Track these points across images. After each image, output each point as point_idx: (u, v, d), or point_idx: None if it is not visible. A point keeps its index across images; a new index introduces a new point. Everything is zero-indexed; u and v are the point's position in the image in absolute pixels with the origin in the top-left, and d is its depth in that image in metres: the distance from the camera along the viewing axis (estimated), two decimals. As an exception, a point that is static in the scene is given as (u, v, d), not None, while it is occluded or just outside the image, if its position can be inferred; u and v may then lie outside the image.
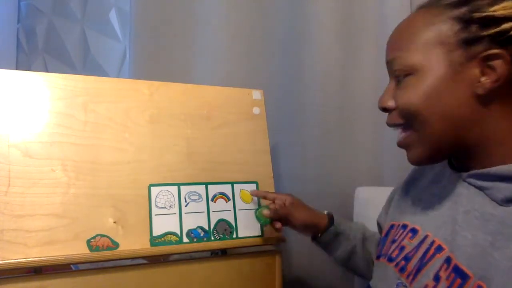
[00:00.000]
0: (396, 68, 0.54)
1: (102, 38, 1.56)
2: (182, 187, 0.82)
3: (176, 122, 0.86)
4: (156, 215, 0.78)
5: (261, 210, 0.83)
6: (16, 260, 0.66)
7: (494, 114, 0.50)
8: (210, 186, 0.85)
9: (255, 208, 0.87)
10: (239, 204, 0.87)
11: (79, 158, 0.75)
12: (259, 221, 0.84)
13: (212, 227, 0.82)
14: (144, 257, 0.78)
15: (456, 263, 0.48)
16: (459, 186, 0.54)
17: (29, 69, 1.66)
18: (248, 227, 0.85)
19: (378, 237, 0.76)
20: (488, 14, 0.48)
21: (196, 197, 0.83)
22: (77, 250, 0.70)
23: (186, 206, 0.82)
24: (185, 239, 0.79)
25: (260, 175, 0.91)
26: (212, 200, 0.85)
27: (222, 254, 0.87)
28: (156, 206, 0.79)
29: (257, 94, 0.96)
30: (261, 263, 0.86)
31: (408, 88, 0.52)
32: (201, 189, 0.84)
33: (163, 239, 0.77)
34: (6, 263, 0.65)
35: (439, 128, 0.51)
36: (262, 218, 0.83)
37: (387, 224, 0.66)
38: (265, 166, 0.92)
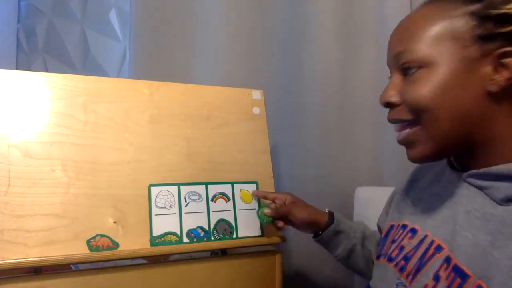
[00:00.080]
0: (405, 61, 0.51)
1: (102, 38, 1.56)
2: (182, 187, 0.82)
3: (176, 122, 0.86)
4: (156, 215, 0.78)
5: (262, 210, 0.84)
6: (16, 260, 0.66)
7: (504, 112, 0.49)
8: (210, 186, 0.85)
9: (255, 208, 0.87)
10: (239, 204, 0.87)
11: (79, 158, 0.75)
12: (261, 220, 0.84)
13: (212, 227, 0.82)
14: (144, 257, 0.78)
15: (456, 262, 0.48)
16: (459, 186, 0.54)
17: (29, 69, 1.66)
18: (248, 227, 0.85)
19: (378, 236, 0.76)
20: (505, 11, 0.47)
21: (196, 197, 0.83)
22: (77, 250, 0.70)
23: (186, 206, 0.82)
24: (185, 239, 0.79)
25: (260, 175, 0.91)
26: (212, 200, 0.85)
27: (222, 254, 0.87)
28: (156, 206, 0.79)
29: (257, 94, 0.96)
30: (261, 263, 0.86)
31: (419, 82, 0.50)
32: (201, 189, 0.84)
33: (163, 239, 0.77)
34: (6, 263, 0.65)
35: (449, 124, 0.49)
36: (264, 218, 0.83)
37: (387, 224, 0.66)
38: (265, 166, 0.92)
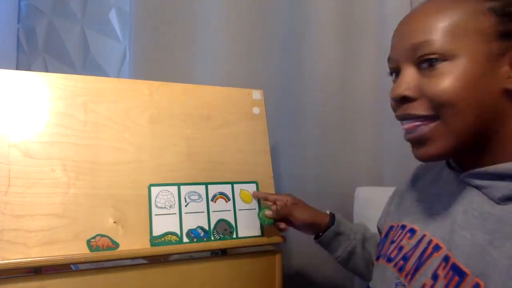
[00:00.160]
0: (427, 52, 0.48)
1: (102, 38, 1.56)
2: (182, 187, 0.82)
3: (176, 122, 0.86)
4: (156, 215, 0.78)
5: (263, 212, 0.84)
6: (16, 260, 0.66)
7: None
8: (210, 186, 0.85)
9: (255, 208, 0.87)
10: (239, 204, 0.87)
11: (79, 158, 0.75)
12: (262, 222, 0.84)
13: (212, 227, 0.82)
14: (144, 257, 0.78)
15: (454, 261, 0.48)
16: (457, 186, 0.54)
17: (29, 69, 1.66)
18: (248, 227, 0.85)
19: (379, 238, 0.76)
20: None
21: (196, 197, 0.83)
22: (77, 250, 0.70)
23: (186, 206, 0.82)
24: (185, 239, 0.79)
25: (260, 175, 0.91)
26: (212, 200, 0.85)
27: (222, 254, 0.87)
28: (156, 206, 0.79)
29: (257, 94, 0.96)
30: (261, 263, 0.86)
31: (443, 75, 0.47)
32: (201, 189, 0.84)
33: (163, 239, 0.77)
34: (6, 263, 0.65)
35: (471, 120, 0.48)
36: (265, 219, 0.83)
37: (386, 225, 0.66)
38: (265, 166, 0.92)
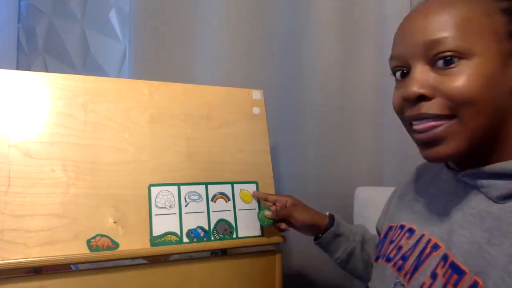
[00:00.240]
0: (444, 49, 0.47)
1: (102, 38, 1.56)
2: (182, 187, 0.82)
3: (176, 122, 0.86)
4: (156, 215, 0.78)
5: (263, 212, 0.84)
6: (16, 260, 0.66)
7: None
8: (210, 186, 0.85)
9: (255, 208, 0.87)
10: (239, 204, 0.87)
11: (79, 158, 0.75)
12: (262, 223, 0.84)
13: (212, 227, 0.82)
14: (144, 257, 0.78)
15: (453, 260, 0.48)
16: (455, 185, 0.54)
17: (29, 69, 1.66)
18: (248, 227, 0.85)
19: (378, 239, 0.76)
20: None
21: (196, 197, 0.83)
22: (77, 250, 0.70)
23: (186, 206, 0.82)
24: (185, 239, 0.79)
25: (260, 175, 0.91)
26: (212, 200, 0.85)
27: (222, 254, 0.87)
28: (156, 206, 0.79)
29: (257, 94, 0.96)
30: (261, 263, 0.86)
31: (462, 73, 0.46)
32: (201, 189, 0.84)
33: (163, 239, 0.77)
34: (6, 263, 0.65)
35: (486, 119, 0.47)
36: (265, 220, 0.83)
37: (385, 226, 0.66)
38: (265, 166, 0.92)
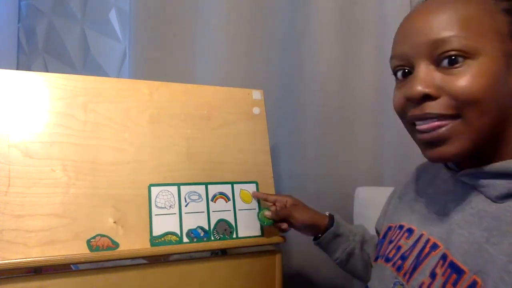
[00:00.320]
0: (449, 49, 0.47)
1: (102, 38, 1.56)
2: (182, 187, 0.82)
3: (176, 122, 0.86)
4: (156, 215, 0.78)
5: (263, 212, 0.84)
6: (16, 260, 0.66)
7: None
8: (210, 186, 0.85)
9: (255, 208, 0.87)
10: (239, 204, 0.87)
11: (79, 158, 0.75)
12: (262, 223, 0.84)
13: (212, 227, 0.82)
14: (144, 257, 0.78)
15: (452, 259, 0.48)
16: (454, 185, 0.54)
17: (29, 69, 1.66)
18: (248, 227, 0.85)
19: (377, 240, 0.76)
20: None
21: (196, 197, 0.83)
22: (77, 250, 0.70)
23: (186, 206, 0.82)
24: (185, 239, 0.79)
25: (260, 175, 0.91)
26: (212, 200, 0.85)
27: (222, 254, 0.87)
28: (156, 206, 0.79)
29: (257, 94, 0.96)
30: (261, 263, 0.86)
31: (467, 73, 0.46)
32: (201, 189, 0.84)
33: (163, 239, 0.77)
34: (6, 263, 0.65)
35: (491, 119, 0.47)
36: (265, 220, 0.83)
37: (384, 226, 0.66)
38: (265, 166, 0.92)
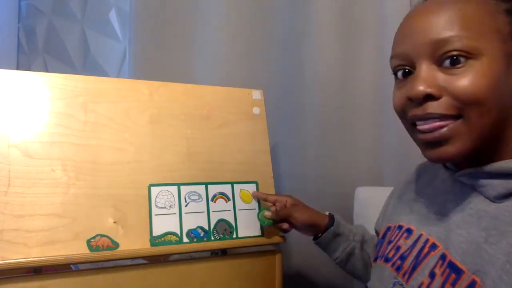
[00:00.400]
0: (451, 49, 0.47)
1: (102, 38, 1.56)
2: (182, 187, 0.82)
3: (176, 122, 0.86)
4: (156, 215, 0.78)
5: (263, 213, 0.84)
6: (16, 260, 0.66)
7: None
8: (210, 186, 0.85)
9: (255, 208, 0.87)
10: (239, 204, 0.87)
11: (79, 158, 0.75)
12: (262, 223, 0.84)
13: (212, 227, 0.82)
14: (144, 257, 0.78)
15: (451, 259, 0.48)
16: (453, 185, 0.54)
17: (29, 69, 1.66)
18: (248, 227, 0.85)
19: (377, 240, 0.76)
20: None
21: (196, 197, 0.83)
22: (77, 250, 0.70)
23: (186, 206, 0.82)
24: (185, 239, 0.79)
25: (260, 175, 0.91)
26: (212, 200, 0.85)
27: (222, 254, 0.87)
28: (156, 206, 0.79)
29: (257, 94, 0.96)
30: (261, 263, 0.86)
31: (469, 73, 0.46)
32: (201, 189, 0.84)
33: (163, 239, 0.77)
34: (6, 263, 0.65)
35: (492, 120, 0.47)
36: (265, 220, 0.83)
37: (383, 227, 0.66)
38: (265, 166, 0.92)
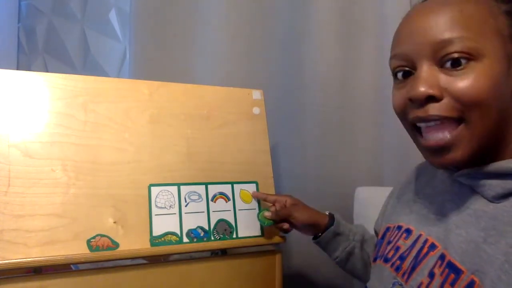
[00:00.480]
0: (454, 50, 0.46)
1: (102, 38, 1.56)
2: (182, 187, 0.82)
3: (176, 122, 0.86)
4: (156, 215, 0.78)
5: (262, 213, 0.83)
6: (16, 260, 0.66)
7: None
8: (210, 186, 0.85)
9: (255, 208, 0.87)
10: (239, 204, 0.87)
11: (79, 158, 0.75)
12: (262, 223, 0.84)
13: (212, 227, 0.82)
14: (144, 257, 0.78)
15: (450, 259, 0.48)
16: (451, 185, 0.54)
17: (29, 69, 1.66)
18: (248, 227, 0.85)
19: (376, 240, 0.76)
20: None
21: (196, 197, 0.83)
22: (77, 250, 0.70)
23: (186, 206, 0.82)
24: (185, 239, 0.79)
25: (260, 175, 0.91)
26: (212, 200, 0.85)
27: (222, 254, 0.87)
28: (156, 206, 0.79)
29: (257, 94, 0.96)
30: (261, 263, 0.86)
31: (471, 74, 0.46)
32: (201, 189, 0.84)
33: (163, 239, 0.77)
34: (6, 263, 0.65)
35: (493, 122, 0.47)
36: (265, 221, 0.83)
37: (383, 227, 0.66)
38: (265, 166, 0.92)
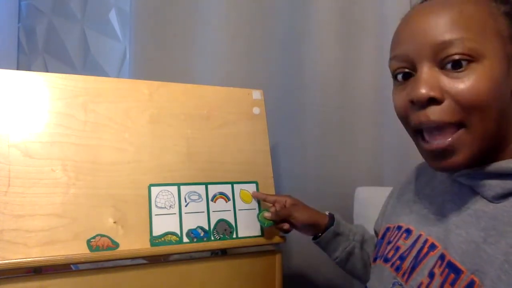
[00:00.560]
0: (455, 52, 0.46)
1: (102, 38, 1.56)
2: (182, 187, 0.82)
3: (176, 122, 0.86)
4: (156, 215, 0.78)
5: (262, 214, 0.83)
6: (16, 260, 0.66)
7: None
8: (210, 186, 0.85)
9: (255, 208, 0.87)
10: (239, 204, 0.87)
11: (79, 158, 0.75)
12: (262, 224, 0.84)
13: (212, 227, 0.82)
14: (144, 257, 0.78)
15: (450, 259, 0.48)
16: (451, 185, 0.54)
17: (29, 69, 1.66)
18: (248, 227, 0.85)
19: (376, 240, 0.76)
20: None
21: (196, 197, 0.83)
22: (77, 250, 0.70)
23: (186, 206, 0.82)
24: (185, 239, 0.79)
25: (260, 175, 0.91)
26: (212, 200, 0.85)
27: (222, 254, 0.87)
28: (156, 206, 0.79)
29: (257, 94, 0.96)
30: (261, 263, 0.86)
31: (471, 76, 0.45)
32: (201, 189, 0.84)
33: (163, 239, 0.77)
34: (6, 263, 0.65)
35: (494, 125, 0.47)
36: (265, 221, 0.83)
37: (383, 227, 0.66)
38: (265, 166, 0.92)
